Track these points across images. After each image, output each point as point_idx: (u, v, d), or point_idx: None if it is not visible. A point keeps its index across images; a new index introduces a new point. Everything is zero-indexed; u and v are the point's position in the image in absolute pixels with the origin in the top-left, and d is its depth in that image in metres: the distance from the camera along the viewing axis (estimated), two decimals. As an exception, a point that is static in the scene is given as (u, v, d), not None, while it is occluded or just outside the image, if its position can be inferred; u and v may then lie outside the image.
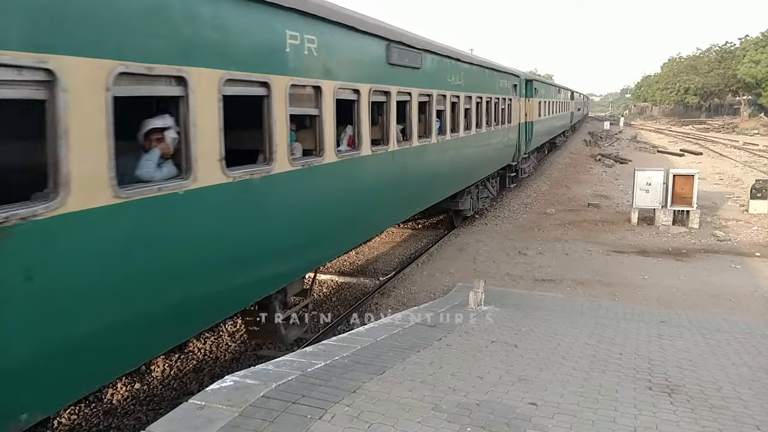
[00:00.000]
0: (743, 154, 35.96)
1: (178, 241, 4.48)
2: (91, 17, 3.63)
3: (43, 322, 3.43)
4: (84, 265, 3.66)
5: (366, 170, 7.97)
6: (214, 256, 4.92)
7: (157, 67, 4.15)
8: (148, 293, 4.21)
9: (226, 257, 5.09)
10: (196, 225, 4.66)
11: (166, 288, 4.42)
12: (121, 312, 3.98)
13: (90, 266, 3.70)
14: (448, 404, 4.35)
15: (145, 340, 4.34)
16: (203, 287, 4.85)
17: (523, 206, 19.00)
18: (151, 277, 4.23)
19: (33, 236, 3.32)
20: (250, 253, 5.44)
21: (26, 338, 3.36)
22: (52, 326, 3.48)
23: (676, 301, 9.98)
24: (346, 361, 5.28)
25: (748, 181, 21.67)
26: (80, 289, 3.65)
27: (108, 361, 4.05)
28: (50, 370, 3.55)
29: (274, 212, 5.82)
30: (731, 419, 4.43)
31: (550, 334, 6.87)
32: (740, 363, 6.03)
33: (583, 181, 24.91)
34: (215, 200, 4.81)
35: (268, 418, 3.95)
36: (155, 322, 4.34)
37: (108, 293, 3.86)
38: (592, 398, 4.68)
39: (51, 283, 3.45)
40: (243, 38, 5.15)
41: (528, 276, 11.44)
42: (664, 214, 15.45)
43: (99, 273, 3.78)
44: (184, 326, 4.80)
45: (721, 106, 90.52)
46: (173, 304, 4.51)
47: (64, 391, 3.72)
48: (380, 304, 10.05)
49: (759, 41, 69.03)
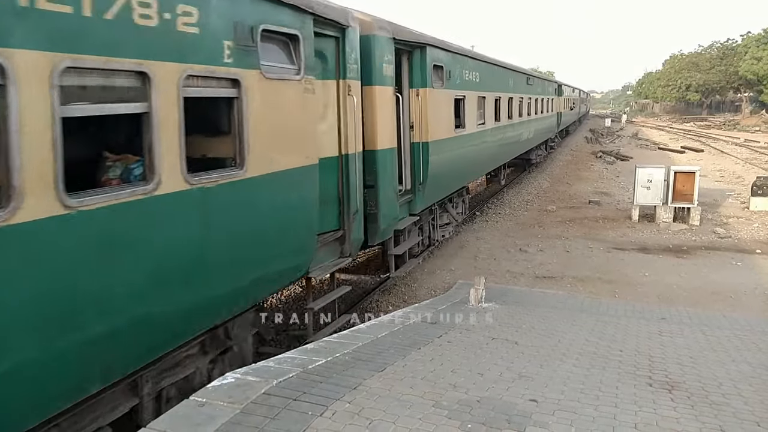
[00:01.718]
0: (744, 151, 35.89)
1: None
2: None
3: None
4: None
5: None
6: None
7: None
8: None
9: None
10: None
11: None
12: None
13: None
14: (449, 401, 4.36)
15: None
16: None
17: (523, 203, 18.99)
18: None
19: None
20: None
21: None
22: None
23: (677, 298, 9.98)
24: (346, 358, 5.28)
25: (749, 178, 21.64)
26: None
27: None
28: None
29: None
30: (731, 416, 4.43)
31: (550, 331, 6.88)
32: (740, 360, 6.03)
33: (584, 178, 24.88)
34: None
35: (269, 414, 3.96)
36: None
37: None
38: (593, 395, 4.69)
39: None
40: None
41: (528, 273, 11.44)
42: (665, 211, 15.44)
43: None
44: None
45: (723, 103, 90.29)
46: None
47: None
48: (381, 302, 10.06)
49: (761, 38, 68.77)
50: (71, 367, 3.72)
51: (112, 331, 3.94)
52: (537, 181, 23.43)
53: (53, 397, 3.65)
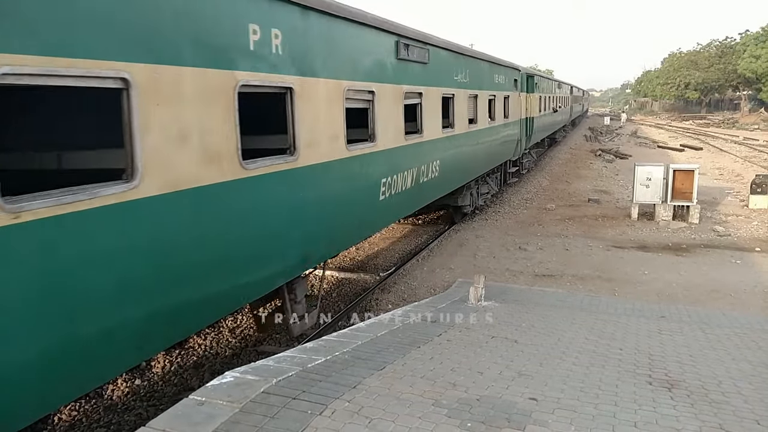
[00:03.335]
0: (743, 149, 35.91)
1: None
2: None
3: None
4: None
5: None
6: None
7: None
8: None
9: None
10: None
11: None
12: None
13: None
14: (449, 399, 4.35)
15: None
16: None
17: (523, 202, 18.99)
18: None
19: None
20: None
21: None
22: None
23: (676, 296, 9.98)
24: (346, 357, 5.28)
25: (748, 176, 21.64)
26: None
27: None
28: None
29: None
30: (731, 414, 4.43)
31: (550, 330, 6.87)
32: (740, 358, 6.02)
33: (584, 176, 24.88)
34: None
35: (268, 413, 3.95)
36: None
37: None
38: (593, 393, 4.68)
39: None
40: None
41: (528, 271, 11.44)
42: (664, 209, 15.44)
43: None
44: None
45: (722, 101, 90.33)
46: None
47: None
48: (380, 300, 10.06)
49: (759, 36, 68.82)
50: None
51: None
52: (536, 180, 23.42)
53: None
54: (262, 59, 5.49)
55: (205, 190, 4.82)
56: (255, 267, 5.67)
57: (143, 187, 4.18)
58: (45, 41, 3.48)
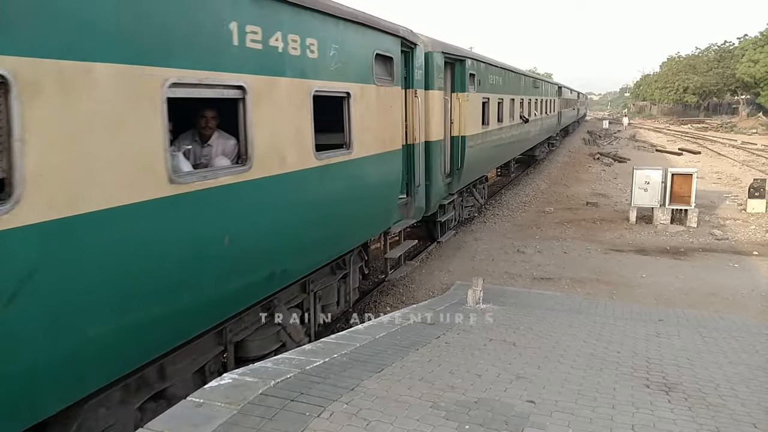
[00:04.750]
0: (741, 153, 35.98)
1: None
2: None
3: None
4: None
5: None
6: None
7: None
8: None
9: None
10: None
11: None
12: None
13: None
14: (447, 402, 4.36)
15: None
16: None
17: (521, 204, 19.02)
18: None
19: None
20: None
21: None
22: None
23: (674, 299, 10.00)
24: (344, 359, 5.28)
25: (746, 180, 21.70)
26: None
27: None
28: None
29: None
30: (728, 417, 4.44)
31: (548, 333, 6.88)
32: (737, 361, 6.04)
33: (582, 179, 24.92)
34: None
35: (266, 415, 3.96)
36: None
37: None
38: (590, 396, 4.69)
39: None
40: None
41: (526, 274, 11.45)
42: (662, 212, 15.47)
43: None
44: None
45: (720, 105, 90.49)
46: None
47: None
48: (379, 302, 10.06)
49: (758, 41, 68.91)
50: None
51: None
52: (535, 183, 23.46)
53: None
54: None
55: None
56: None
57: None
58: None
